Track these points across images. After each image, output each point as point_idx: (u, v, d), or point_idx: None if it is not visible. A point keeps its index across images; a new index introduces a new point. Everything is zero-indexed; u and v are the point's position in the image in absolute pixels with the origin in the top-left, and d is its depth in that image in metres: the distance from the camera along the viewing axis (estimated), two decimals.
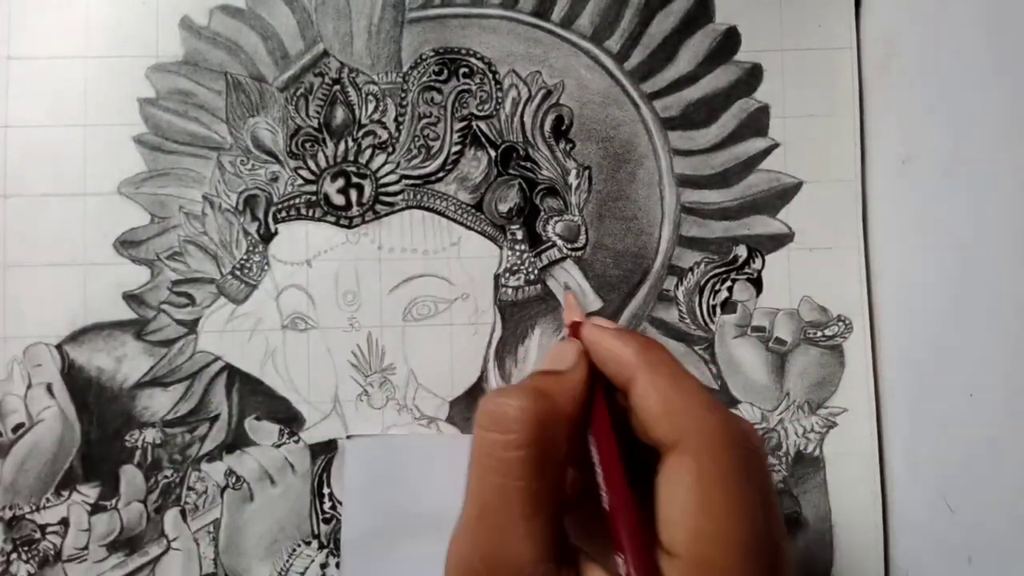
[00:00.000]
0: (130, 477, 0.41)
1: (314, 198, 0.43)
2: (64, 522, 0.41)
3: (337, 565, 0.42)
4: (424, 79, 0.44)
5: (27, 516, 0.41)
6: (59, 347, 0.42)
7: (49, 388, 0.41)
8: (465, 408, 0.43)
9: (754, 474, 0.27)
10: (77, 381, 0.42)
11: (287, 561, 0.42)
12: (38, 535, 0.41)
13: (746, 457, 0.27)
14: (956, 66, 0.36)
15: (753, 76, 0.44)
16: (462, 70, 0.44)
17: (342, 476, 0.42)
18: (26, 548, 0.41)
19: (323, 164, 0.43)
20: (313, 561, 0.42)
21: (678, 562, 0.26)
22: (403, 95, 0.43)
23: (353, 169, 0.43)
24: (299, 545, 0.42)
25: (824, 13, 0.44)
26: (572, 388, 0.30)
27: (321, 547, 0.42)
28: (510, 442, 0.27)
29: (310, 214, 0.43)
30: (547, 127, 0.44)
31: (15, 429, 0.41)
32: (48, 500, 0.41)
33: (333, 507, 0.42)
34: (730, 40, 0.44)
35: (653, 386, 0.29)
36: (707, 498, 0.26)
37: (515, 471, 0.27)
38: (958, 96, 0.36)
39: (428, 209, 0.43)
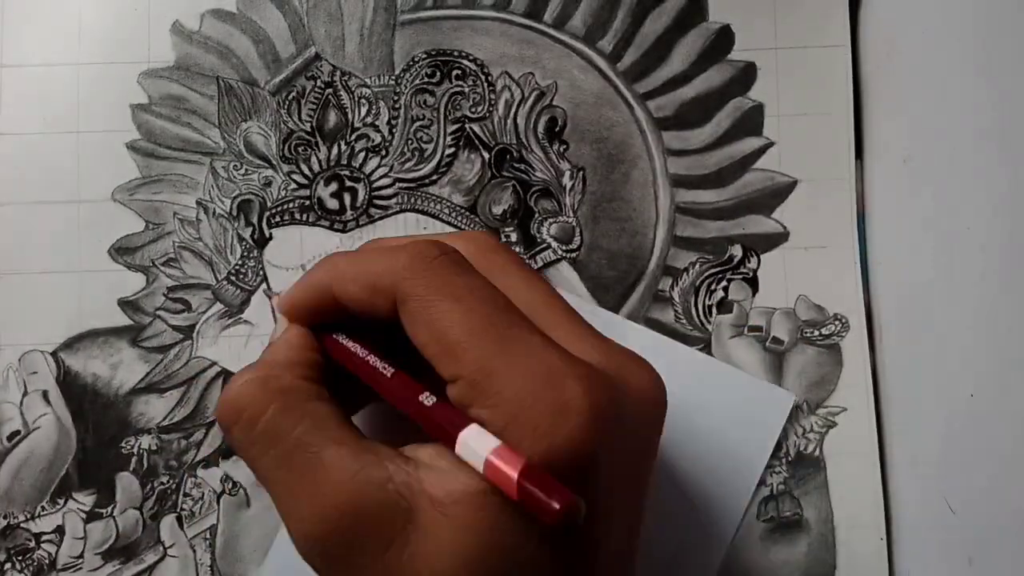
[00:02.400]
0: (126, 484, 0.41)
1: (308, 202, 0.43)
2: (59, 530, 0.41)
3: None
4: (417, 82, 0.43)
5: (22, 525, 0.41)
6: (55, 354, 0.42)
7: (45, 395, 0.41)
8: None
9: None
10: (73, 388, 0.42)
11: None
12: (32, 544, 0.40)
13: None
14: (956, 65, 0.35)
15: (747, 75, 0.44)
16: (455, 72, 0.44)
17: None
18: (20, 558, 0.40)
19: (316, 168, 0.43)
20: None
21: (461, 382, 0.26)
22: (396, 98, 0.43)
23: (346, 173, 0.43)
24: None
25: (818, 11, 0.44)
26: (287, 342, 0.30)
27: None
28: (250, 418, 0.27)
29: (304, 218, 0.43)
30: (540, 128, 0.43)
31: (11, 437, 0.41)
32: (43, 508, 0.41)
33: None
34: (724, 39, 0.44)
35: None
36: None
37: (269, 440, 0.26)
38: (958, 95, 0.35)
39: (422, 212, 0.43)
